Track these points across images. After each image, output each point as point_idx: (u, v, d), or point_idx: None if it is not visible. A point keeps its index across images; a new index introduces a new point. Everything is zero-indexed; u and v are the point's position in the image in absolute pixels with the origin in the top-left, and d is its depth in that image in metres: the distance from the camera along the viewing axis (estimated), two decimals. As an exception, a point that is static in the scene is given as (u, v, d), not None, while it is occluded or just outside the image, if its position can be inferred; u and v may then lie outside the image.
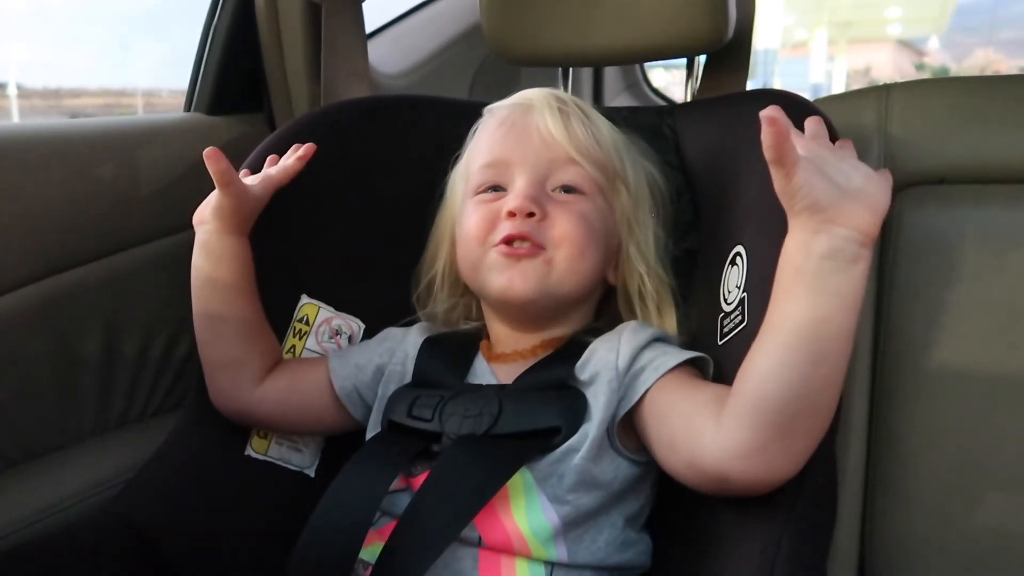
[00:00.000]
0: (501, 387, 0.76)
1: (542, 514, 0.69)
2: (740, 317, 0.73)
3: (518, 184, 0.77)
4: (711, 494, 0.65)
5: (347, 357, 0.85)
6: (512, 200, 0.76)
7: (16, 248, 0.90)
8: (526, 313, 0.79)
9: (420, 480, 0.72)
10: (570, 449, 0.70)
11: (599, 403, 0.70)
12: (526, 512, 0.69)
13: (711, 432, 0.62)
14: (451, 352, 0.82)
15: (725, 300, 0.77)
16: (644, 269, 0.81)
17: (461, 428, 0.72)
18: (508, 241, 0.75)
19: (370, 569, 0.66)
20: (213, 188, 0.81)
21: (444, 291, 0.87)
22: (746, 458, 0.60)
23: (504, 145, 0.80)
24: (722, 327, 0.76)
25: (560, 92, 0.84)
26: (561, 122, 0.79)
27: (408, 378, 0.82)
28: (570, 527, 0.69)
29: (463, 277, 0.83)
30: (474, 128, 0.85)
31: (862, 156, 0.89)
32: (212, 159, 0.78)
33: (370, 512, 0.69)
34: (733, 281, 0.76)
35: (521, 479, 0.70)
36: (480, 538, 0.69)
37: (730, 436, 0.61)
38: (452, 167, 0.87)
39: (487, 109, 0.85)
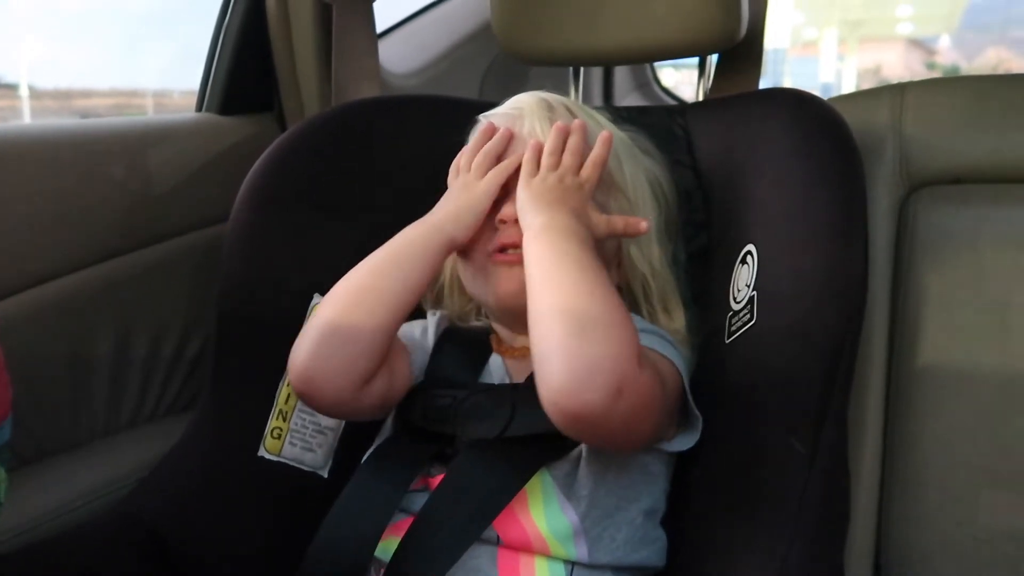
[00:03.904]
0: (514, 387, 0.76)
1: (561, 513, 0.69)
2: (749, 315, 0.73)
3: (510, 193, 0.77)
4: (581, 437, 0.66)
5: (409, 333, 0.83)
6: (507, 208, 0.77)
7: (28, 248, 0.90)
8: (524, 315, 0.79)
9: (437, 480, 0.72)
10: (584, 448, 0.70)
11: None
12: (544, 512, 0.69)
13: None
14: (465, 349, 0.82)
15: (734, 299, 0.77)
16: (647, 270, 0.81)
17: (475, 431, 0.72)
18: (502, 249, 0.76)
19: (383, 569, 0.66)
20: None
21: (454, 296, 0.88)
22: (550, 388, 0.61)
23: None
24: (730, 325, 0.76)
25: (552, 97, 0.83)
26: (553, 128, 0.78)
27: (425, 366, 0.81)
28: (590, 525, 0.69)
29: (464, 286, 0.83)
30: (471, 134, 0.85)
31: (876, 155, 0.89)
32: None
33: (387, 516, 0.70)
34: (743, 280, 0.76)
35: (539, 479, 0.70)
36: (498, 537, 0.69)
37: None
38: None
39: (481, 117, 0.85)
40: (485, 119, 0.84)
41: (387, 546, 0.68)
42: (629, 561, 0.70)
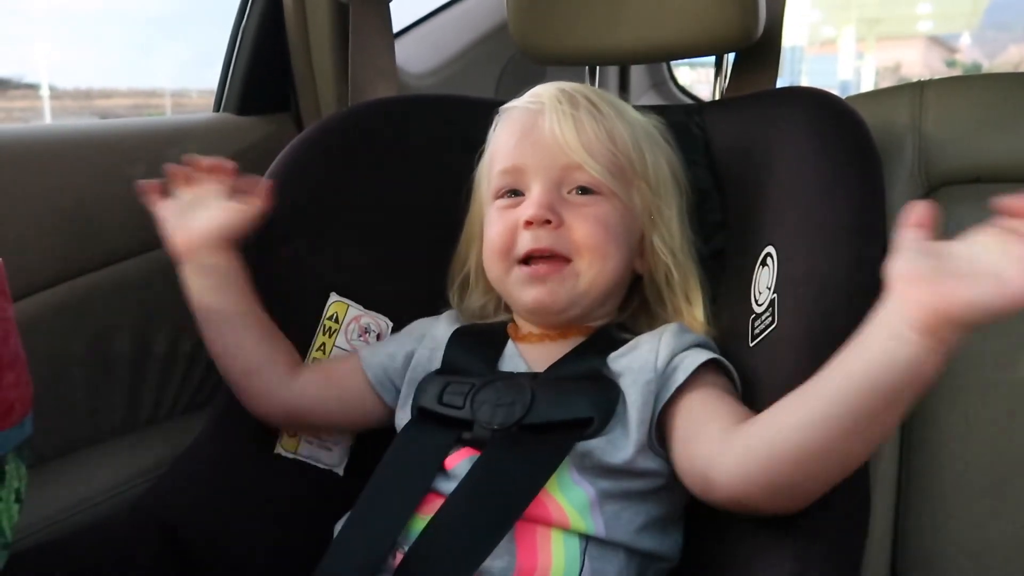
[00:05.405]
0: (534, 376, 0.76)
1: (576, 486, 0.69)
2: (770, 319, 0.72)
3: (534, 191, 0.77)
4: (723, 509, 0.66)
5: (378, 347, 0.87)
6: (527, 209, 0.76)
7: (48, 246, 0.91)
8: (554, 319, 0.80)
9: (454, 458, 0.72)
10: (609, 444, 0.70)
11: (635, 402, 0.70)
12: (559, 485, 0.69)
13: (719, 448, 0.64)
14: (482, 340, 0.83)
15: (756, 301, 0.76)
16: (670, 259, 0.81)
17: (493, 417, 0.72)
18: (529, 257, 0.76)
19: (399, 551, 0.66)
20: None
21: (479, 287, 0.88)
22: (751, 487, 0.62)
23: (518, 151, 0.80)
24: (753, 328, 0.75)
25: (574, 88, 0.81)
26: (572, 124, 0.77)
27: (436, 365, 0.82)
28: (605, 500, 0.69)
29: (491, 283, 0.83)
30: (493, 125, 0.85)
31: (895, 155, 0.88)
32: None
33: (415, 499, 0.70)
34: (764, 282, 0.76)
35: None
36: None
37: (736, 463, 0.63)
38: (477, 163, 0.88)
39: (502, 109, 0.85)
40: (505, 111, 0.84)
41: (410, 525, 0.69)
42: (643, 545, 0.70)
